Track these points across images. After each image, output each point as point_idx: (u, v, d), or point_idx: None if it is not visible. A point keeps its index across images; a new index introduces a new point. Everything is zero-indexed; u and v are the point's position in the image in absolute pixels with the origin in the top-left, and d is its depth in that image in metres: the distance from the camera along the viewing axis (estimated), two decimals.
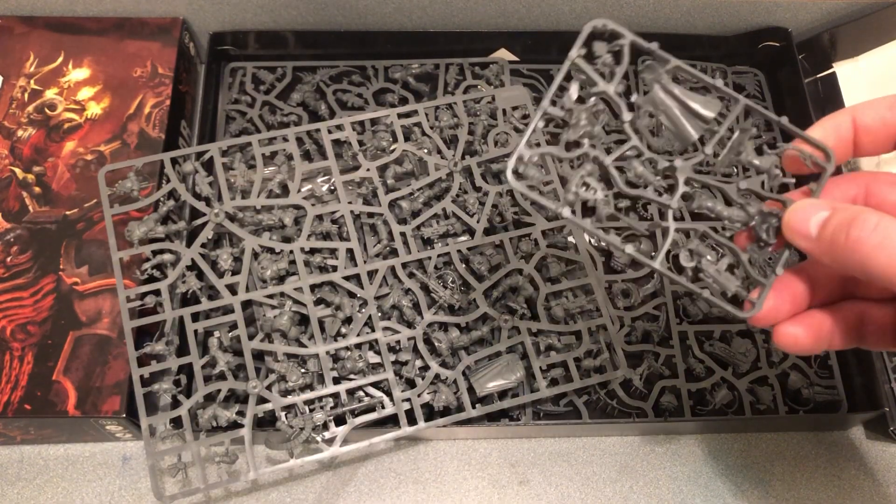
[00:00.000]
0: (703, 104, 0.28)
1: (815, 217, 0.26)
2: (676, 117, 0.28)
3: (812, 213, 0.27)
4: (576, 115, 0.27)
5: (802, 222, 0.27)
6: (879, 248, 0.24)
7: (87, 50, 0.53)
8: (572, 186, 0.27)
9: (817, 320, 0.29)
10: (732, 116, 0.29)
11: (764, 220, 0.28)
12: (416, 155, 0.49)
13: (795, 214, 0.27)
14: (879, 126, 0.29)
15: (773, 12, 0.57)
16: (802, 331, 0.29)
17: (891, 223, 0.24)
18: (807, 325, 0.29)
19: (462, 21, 0.57)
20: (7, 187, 0.48)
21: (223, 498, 0.44)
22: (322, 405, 0.43)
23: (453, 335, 0.45)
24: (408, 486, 0.45)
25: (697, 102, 0.28)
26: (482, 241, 0.47)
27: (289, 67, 0.57)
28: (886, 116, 0.28)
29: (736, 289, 0.28)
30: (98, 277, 0.46)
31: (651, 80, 0.28)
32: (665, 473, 0.46)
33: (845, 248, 0.25)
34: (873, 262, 0.24)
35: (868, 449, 0.48)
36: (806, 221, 0.27)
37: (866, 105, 0.29)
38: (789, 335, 0.29)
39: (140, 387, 0.41)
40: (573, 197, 0.27)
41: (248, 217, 0.46)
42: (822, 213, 0.26)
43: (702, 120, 0.28)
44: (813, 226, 0.26)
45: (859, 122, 0.29)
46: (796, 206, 0.27)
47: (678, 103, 0.28)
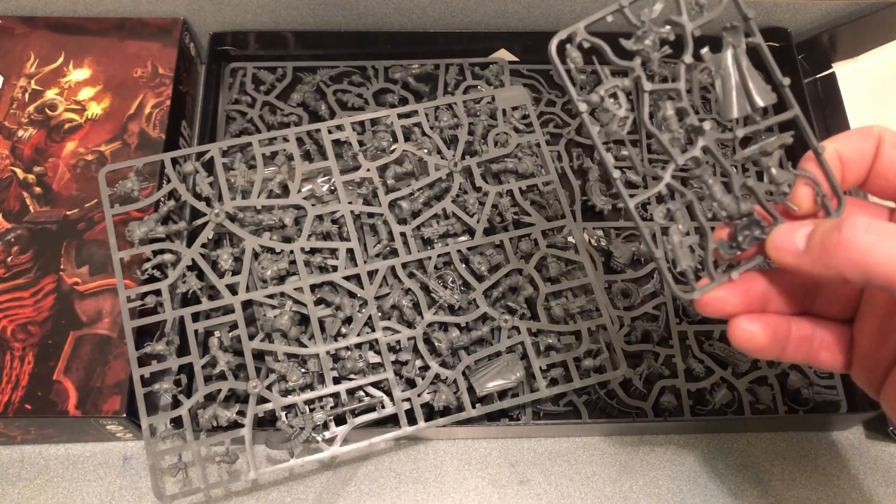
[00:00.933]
0: (760, 90, 0.28)
1: (799, 232, 0.26)
2: (730, 88, 0.27)
3: (796, 230, 0.26)
4: (646, 28, 0.27)
5: (787, 239, 0.26)
6: (876, 245, 0.23)
7: (88, 50, 0.53)
8: (602, 89, 0.27)
9: (775, 323, 0.29)
10: (780, 118, 0.28)
11: (749, 225, 0.28)
12: (416, 155, 0.49)
13: (780, 233, 0.27)
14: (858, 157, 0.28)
15: (772, 13, 0.57)
16: (760, 328, 0.28)
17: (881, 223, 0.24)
18: (765, 324, 0.28)
19: (462, 21, 0.57)
20: (8, 187, 0.48)
21: (223, 498, 0.44)
22: (322, 405, 0.43)
23: (453, 335, 0.45)
24: (408, 486, 0.45)
25: (756, 86, 0.27)
26: (482, 241, 0.47)
27: (289, 68, 0.57)
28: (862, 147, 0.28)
29: (686, 267, 0.27)
30: (98, 277, 0.46)
31: (729, 42, 0.28)
32: (665, 473, 0.46)
33: (838, 249, 0.24)
34: (870, 260, 0.24)
35: (868, 449, 0.48)
36: (791, 237, 0.26)
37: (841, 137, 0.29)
38: (745, 331, 0.28)
39: (140, 387, 0.41)
40: (597, 99, 0.27)
41: (249, 217, 0.46)
42: (805, 228, 0.26)
43: (751, 104, 0.28)
44: (799, 239, 0.26)
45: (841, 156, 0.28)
46: (780, 226, 0.27)
47: (740, 76, 0.27)
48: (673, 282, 0.28)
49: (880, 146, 0.28)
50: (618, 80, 0.27)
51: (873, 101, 0.55)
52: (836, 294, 0.30)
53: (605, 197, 0.52)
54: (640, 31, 0.27)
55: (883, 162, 0.28)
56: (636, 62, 0.27)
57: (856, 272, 0.24)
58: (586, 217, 0.52)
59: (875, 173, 0.28)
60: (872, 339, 0.29)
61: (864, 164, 0.28)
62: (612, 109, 0.27)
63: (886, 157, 0.28)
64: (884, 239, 0.23)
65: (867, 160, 0.28)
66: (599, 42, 0.27)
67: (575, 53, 0.27)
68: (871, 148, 0.28)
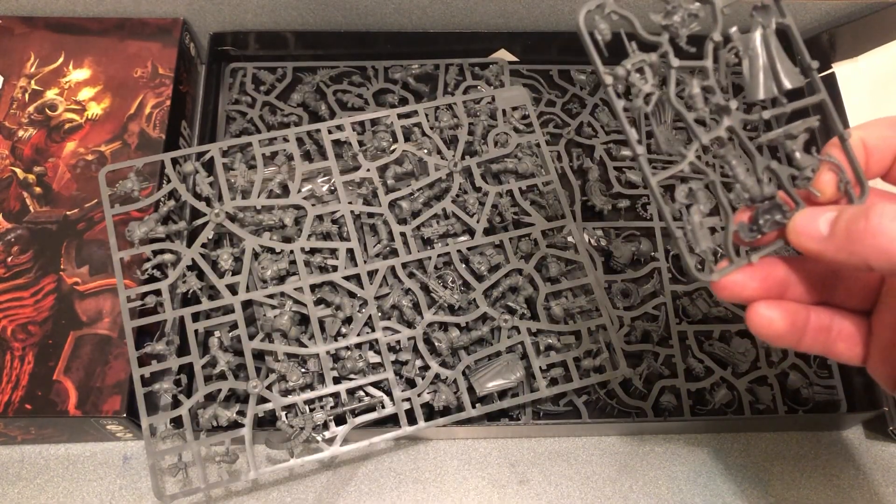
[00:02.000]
0: (788, 73, 0.27)
1: (823, 217, 0.26)
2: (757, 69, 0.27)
3: (819, 215, 0.26)
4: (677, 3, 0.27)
5: (811, 223, 0.26)
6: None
7: (88, 50, 0.53)
8: (628, 63, 0.26)
9: (794, 310, 0.28)
10: (809, 101, 0.28)
11: (770, 209, 0.27)
12: (416, 155, 0.49)
13: (802, 217, 0.26)
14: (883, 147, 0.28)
15: None
16: (779, 315, 0.28)
17: None
18: (784, 311, 0.28)
19: (462, 21, 0.57)
20: (8, 187, 0.48)
21: (223, 497, 0.44)
22: (322, 405, 0.43)
23: (453, 335, 0.45)
24: (408, 486, 0.45)
25: (784, 67, 0.27)
26: (482, 241, 0.47)
27: (289, 68, 0.57)
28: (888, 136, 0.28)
29: (705, 248, 0.27)
30: (99, 277, 0.46)
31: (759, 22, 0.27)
32: (664, 473, 0.46)
33: (865, 235, 0.24)
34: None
35: (867, 449, 0.48)
36: (814, 222, 0.26)
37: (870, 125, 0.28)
38: (764, 317, 0.27)
39: (140, 386, 0.41)
40: (623, 72, 0.26)
41: (249, 217, 0.46)
42: (829, 214, 0.26)
43: (778, 86, 0.27)
44: (823, 224, 0.26)
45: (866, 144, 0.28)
46: (803, 211, 0.27)
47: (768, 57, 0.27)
48: (693, 264, 0.27)
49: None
50: (644, 55, 0.26)
51: (873, 101, 0.55)
52: (856, 284, 0.29)
53: (605, 197, 0.52)
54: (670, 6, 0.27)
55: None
56: (664, 37, 0.27)
57: (882, 260, 0.24)
58: (586, 217, 0.52)
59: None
60: (891, 333, 0.28)
61: (890, 153, 0.28)
62: (638, 84, 0.26)
63: None
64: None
65: (893, 150, 0.28)
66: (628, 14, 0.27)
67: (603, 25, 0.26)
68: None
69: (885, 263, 0.24)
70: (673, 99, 0.27)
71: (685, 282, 0.50)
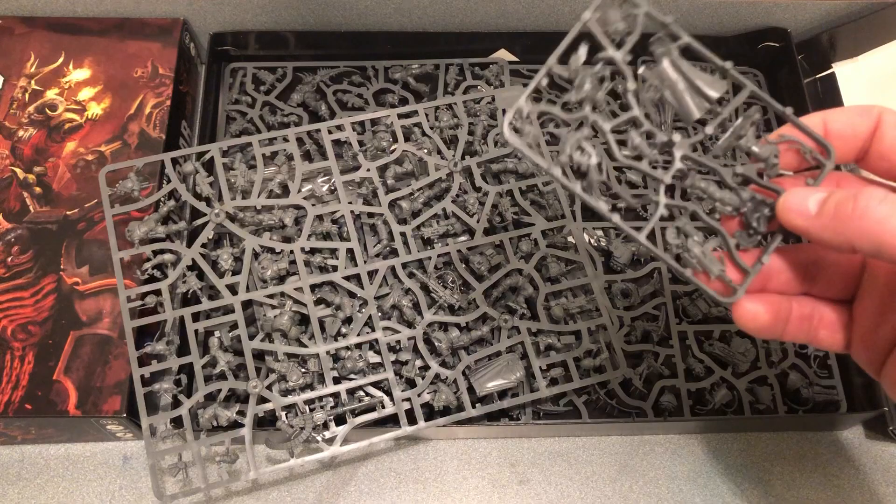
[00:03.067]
0: (709, 83, 0.28)
1: (812, 197, 0.26)
2: (681, 93, 0.28)
3: (809, 194, 0.26)
4: (581, 77, 0.27)
5: (800, 202, 0.27)
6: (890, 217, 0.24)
7: (88, 50, 0.53)
8: (567, 148, 0.27)
9: (777, 302, 0.29)
10: (738, 100, 0.28)
11: (756, 207, 0.28)
12: (416, 155, 0.49)
13: (793, 196, 0.27)
14: (850, 133, 0.28)
15: (772, 13, 0.57)
16: (762, 308, 0.28)
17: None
18: (767, 303, 0.28)
19: (462, 21, 0.57)
20: (8, 187, 0.48)
21: (224, 497, 0.44)
22: (322, 405, 0.43)
23: (453, 335, 0.45)
24: (408, 486, 0.45)
25: (704, 81, 0.28)
26: (482, 241, 0.47)
27: (289, 68, 0.57)
28: (856, 123, 0.28)
29: (719, 272, 0.28)
30: (99, 277, 0.46)
31: (661, 53, 0.28)
32: (664, 473, 0.46)
33: (852, 217, 0.24)
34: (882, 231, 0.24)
35: (867, 449, 0.48)
36: (804, 201, 0.26)
37: (837, 111, 0.29)
38: (748, 310, 0.28)
39: (141, 386, 0.42)
40: (566, 158, 0.27)
41: (249, 217, 0.46)
42: (819, 194, 0.26)
43: (706, 99, 0.28)
44: (812, 204, 0.26)
45: (830, 128, 0.28)
46: (794, 189, 0.27)
47: (684, 80, 0.28)
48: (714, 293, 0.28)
49: (881, 127, 0.28)
50: (577, 133, 0.27)
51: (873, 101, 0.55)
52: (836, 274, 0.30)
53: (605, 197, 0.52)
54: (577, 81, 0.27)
55: (885, 143, 0.28)
56: (587, 110, 0.27)
57: (866, 242, 0.24)
58: (586, 217, 0.52)
59: (877, 154, 0.28)
60: (873, 318, 0.29)
61: (857, 140, 0.28)
62: (584, 162, 0.27)
63: (889, 139, 0.28)
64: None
65: (860, 137, 0.28)
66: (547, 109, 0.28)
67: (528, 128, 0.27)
68: (866, 125, 0.28)
69: (867, 245, 0.24)
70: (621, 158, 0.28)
71: (685, 282, 0.50)
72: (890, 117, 0.28)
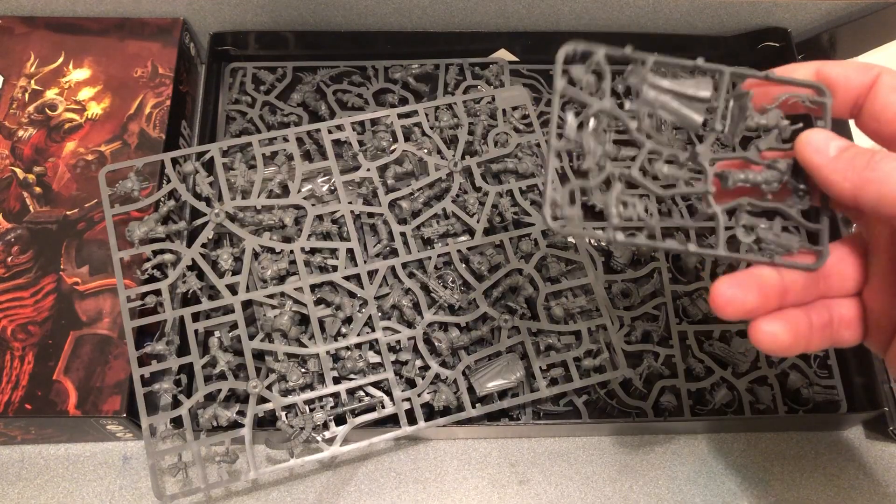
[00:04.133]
0: (696, 86, 0.28)
1: (834, 142, 0.27)
2: (675, 108, 0.28)
3: (832, 139, 0.27)
4: (584, 142, 0.27)
5: (822, 142, 0.27)
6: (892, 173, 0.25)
7: (88, 50, 0.53)
8: (613, 210, 0.27)
9: (794, 317, 0.29)
10: (723, 88, 0.29)
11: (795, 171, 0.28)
12: (416, 155, 0.49)
13: (815, 133, 0.27)
14: (842, 84, 0.28)
15: (772, 12, 0.57)
16: (781, 327, 0.28)
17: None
18: (785, 321, 0.28)
19: (462, 21, 0.57)
20: (8, 187, 0.48)
21: (223, 497, 0.44)
22: (322, 405, 0.43)
23: (453, 335, 0.45)
24: (408, 486, 0.45)
25: (689, 87, 0.28)
26: (482, 241, 0.47)
27: (289, 68, 0.57)
28: (851, 76, 0.28)
29: (799, 244, 0.28)
30: (99, 277, 0.46)
31: (638, 82, 0.28)
32: (664, 473, 0.46)
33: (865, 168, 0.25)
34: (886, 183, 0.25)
35: (868, 449, 0.48)
36: (826, 142, 0.27)
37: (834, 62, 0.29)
38: (768, 333, 0.28)
39: (140, 386, 0.41)
40: (619, 220, 0.27)
41: (249, 217, 0.46)
42: (841, 142, 0.27)
43: (699, 101, 0.28)
44: (833, 148, 0.27)
45: (822, 74, 0.29)
46: (812, 130, 0.28)
47: (672, 94, 0.28)
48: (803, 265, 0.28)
49: (877, 86, 0.28)
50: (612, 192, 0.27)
51: None
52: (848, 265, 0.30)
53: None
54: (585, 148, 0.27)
55: (878, 103, 0.28)
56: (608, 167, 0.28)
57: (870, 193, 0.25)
58: (586, 217, 0.52)
59: (869, 114, 0.28)
60: (883, 301, 0.29)
61: (850, 92, 0.28)
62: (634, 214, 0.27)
63: (882, 100, 0.28)
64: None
65: (853, 91, 0.28)
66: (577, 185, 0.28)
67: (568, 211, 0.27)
68: (861, 80, 0.28)
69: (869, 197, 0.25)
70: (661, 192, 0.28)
71: (685, 282, 0.50)
72: (887, 79, 0.28)
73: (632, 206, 0.27)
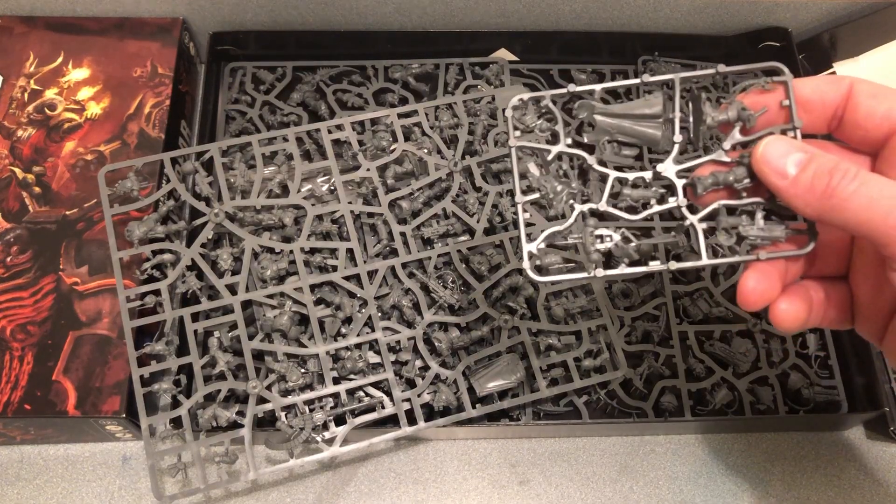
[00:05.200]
0: (646, 104, 0.29)
1: (791, 157, 0.26)
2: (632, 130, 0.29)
3: (788, 151, 0.26)
4: (549, 187, 0.28)
5: (779, 158, 0.26)
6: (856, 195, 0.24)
7: (87, 50, 0.53)
8: (590, 247, 0.28)
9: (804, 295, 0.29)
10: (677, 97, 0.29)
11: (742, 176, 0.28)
12: (416, 155, 0.49)
13: (771, 149, 0.27)
14: (818, 100, 0.28)
15: (773, 12, 0.57)
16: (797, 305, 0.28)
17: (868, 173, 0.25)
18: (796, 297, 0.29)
19: (462, 21, 0.57)
20: (7, 187, 0.48)
21: (223, 498, 0.44)
22: (322, 405, 0.43)
23: (453, 335, 0.45)
24: (408, 486, 0.45)
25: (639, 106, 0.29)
26: (482, 241, 0.47)
27: (289, 67, 0.57)
28: (825, 90, 0.28)
29: (784, 231, 0.28)
30: (98, 277, 0.46)
31: (588, 116, 0.29)
32: (665, 473, 0.46)
33: (823, 196, 0.25)
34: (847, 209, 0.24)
35: (868, 449, 0.48)
36: (783, 158, 0.26)
37: (805, 79, 0.29)
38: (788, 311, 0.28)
39: (140, 387, 0.41)
40: (597, 256, 0.28)
41: (248, 217, 0.46)
42: (799, 155, 0.26)
43: (654, 118, 0.28)
44: (791, 166, 0.26)
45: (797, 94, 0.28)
46: (769, 140, 0.27)
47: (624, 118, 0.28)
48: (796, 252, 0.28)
49: (853, 96, 0.28)
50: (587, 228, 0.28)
51: None
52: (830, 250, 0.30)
53: None
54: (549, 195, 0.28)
55: (860, 112, 0.28)
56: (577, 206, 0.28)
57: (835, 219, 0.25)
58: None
59: (852, 123, 0.28)
60: (869, 291, 0.29)
61: (827, 108, 0.28)
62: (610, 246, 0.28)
63: (864, 107, 0.28)
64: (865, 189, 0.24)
65: (830, 105, 0.28)
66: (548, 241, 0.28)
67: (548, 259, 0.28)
68: (835, 93, 0.28)
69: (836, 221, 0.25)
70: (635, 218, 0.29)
71: (686, 282, 0.50)
72: (863, 86, 0.28)
73: (607, 239, 0.28)
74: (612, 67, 0.58)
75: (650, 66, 0.57)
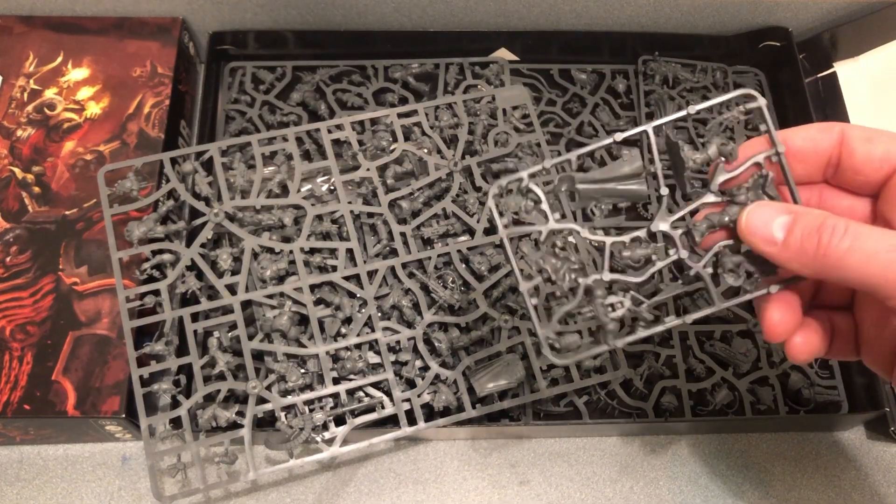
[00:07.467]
0: (625, 163, 0.29)
1: (777, 222, 0.26)
2: (616, 191, 0.29)
3: (772, 217, 0.26)
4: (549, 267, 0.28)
5: (764, 226, 0.26)
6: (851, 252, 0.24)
7: (87, 49, 0.53)
8: (604, 318, 0.28)
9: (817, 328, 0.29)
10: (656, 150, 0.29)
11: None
12: (416, 155, 0.49)
13: (753, 218, 0.27)
14: (811, 149, 0.28)
15: (773, 12, 0.56)
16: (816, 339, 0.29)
17: (859, 226, 0.24)
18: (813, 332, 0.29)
19: (462, 21, 0.57)
20: (6, 187, 0.48)
21: (223, 498, 0.44)
22: (322, 405, 0.43)
23: (453, 335, 0.45)
24: (408, 487, 0.45)
25: (620, 167, 0.29)
26: (482, 241, 0.47)
27: (288, 67, 0.57)
28: (817, 139, 0.28)
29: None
30: (97, 277, 0.46)
31: (569, 189, 0.29)
32: (665, 474, 0.46)
33: (816, 256, 0.25)
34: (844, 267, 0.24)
35: (869, 449, 0.48)
36: (768, 226, 0.26)
37: (795, 129, 0.29)
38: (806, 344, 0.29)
39: (140, 387, 0.41)
40: (614, 325, 0.28)
41: (248, 217, 0.46)
42: (784, 218, 0.26)
43: (635, 176, 0.28)
44: (777, 230, 0.26)
45: (790, 146, 0.28)
46: (751, 210, 0.27)
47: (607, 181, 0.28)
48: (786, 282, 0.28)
49: (847, 142, 0.28)
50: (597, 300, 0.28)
51: (874, 101, 0.55)
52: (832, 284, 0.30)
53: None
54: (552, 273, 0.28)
55: (857, 157, 0.28)
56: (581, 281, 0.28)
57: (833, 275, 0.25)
58: (586, 217, 0.52)
59: (850, 169, 0.28)
60: (873, 324, 0.29)
61: (819, 156, 0.28)
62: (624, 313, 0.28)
63: (860, 153, 0.27)
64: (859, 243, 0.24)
65: (822, 153, 0.28)
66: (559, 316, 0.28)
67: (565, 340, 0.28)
68: (828, 141, 0.28)
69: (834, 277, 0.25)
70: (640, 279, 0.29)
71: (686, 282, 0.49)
72: (855, 132, 0.28)
73: (619, 306, 0.28)
74: (612, 67, 0.58)
75: (650, 65, 0.57)
